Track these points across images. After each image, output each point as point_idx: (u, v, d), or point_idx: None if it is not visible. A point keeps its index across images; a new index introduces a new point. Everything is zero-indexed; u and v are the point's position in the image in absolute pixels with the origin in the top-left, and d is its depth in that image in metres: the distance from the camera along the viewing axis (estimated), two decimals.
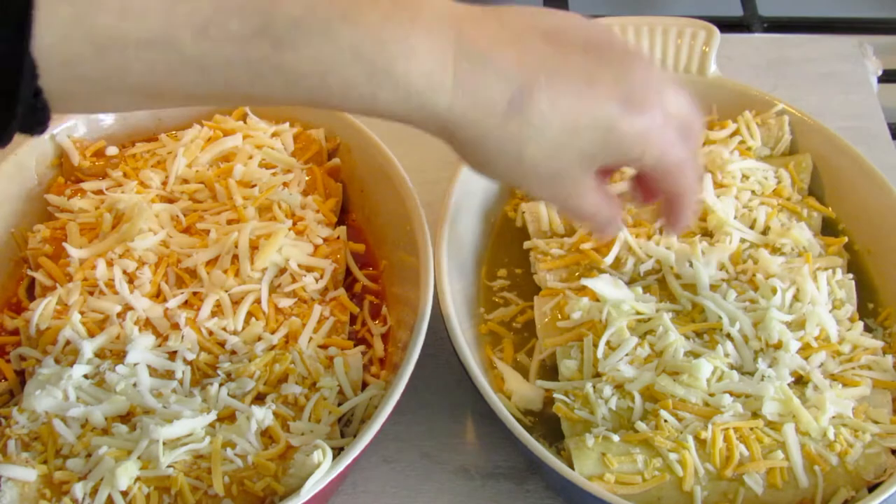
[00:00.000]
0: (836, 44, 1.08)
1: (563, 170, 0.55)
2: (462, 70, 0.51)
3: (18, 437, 0.63)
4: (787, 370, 0.68)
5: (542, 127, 0.53)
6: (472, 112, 0.52)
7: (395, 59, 0.50)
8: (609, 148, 0.55)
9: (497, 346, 0.75)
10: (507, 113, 0.52)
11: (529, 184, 0.57)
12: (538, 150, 0.54)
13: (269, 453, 0.62)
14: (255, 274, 0.72)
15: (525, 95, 0.52)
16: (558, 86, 0.53)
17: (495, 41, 0.52)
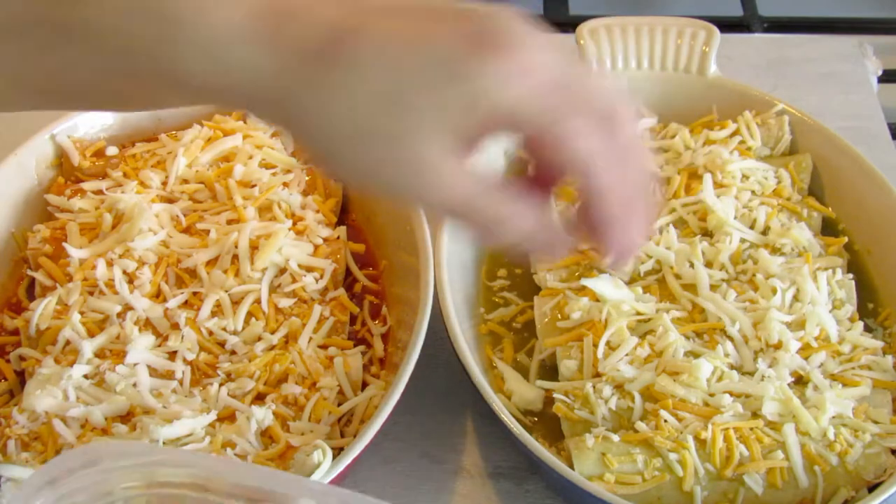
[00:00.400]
0: (836, 44, 1.08)
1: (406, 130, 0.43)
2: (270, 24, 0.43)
3: (18, 437, 0.63)
4: (787, 370, 0.68)
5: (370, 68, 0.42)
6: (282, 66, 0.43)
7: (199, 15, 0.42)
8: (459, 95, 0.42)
9: (497, 346, 0.75)
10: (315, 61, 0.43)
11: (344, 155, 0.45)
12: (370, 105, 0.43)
13: (269, 453, 0.62)
14: (255, 274, 0.72)
15: (339, 37, 0.42)
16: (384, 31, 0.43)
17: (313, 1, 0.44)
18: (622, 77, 0.88)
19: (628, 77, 0.88)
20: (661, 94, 0.88)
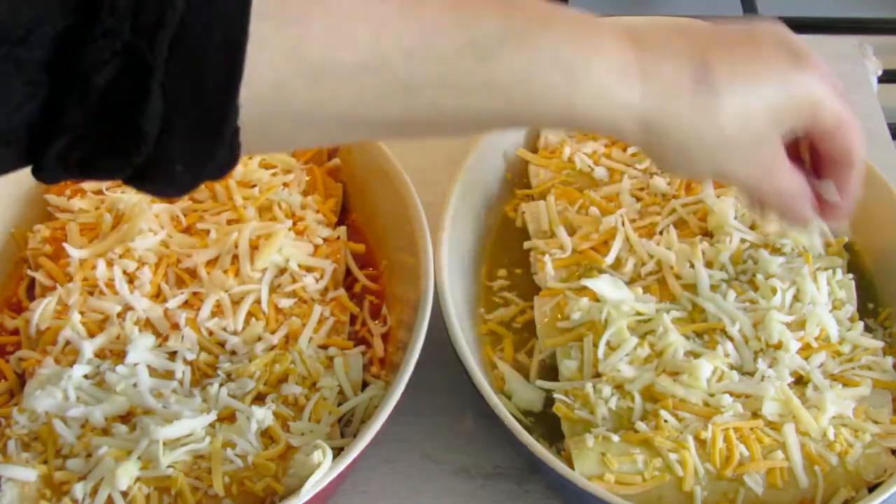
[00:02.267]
0: (836, 44, 1.08)
1: (760, 135, 0.56)
2: (645, 61, 0.53)
3: (18, 437, 0.63)
4: (787, 370, 0.68)
5: (730, 93, 0.55)
6: (663, 97, 0.54)
7: (589, 59, 0.52)
8: (791, 104, 0.57)
9: (497, 346, 0.75)
10: (695, 89, 0.54)
11: (732, 165, 0.57)
12: (732, 118, 0.55)
13: (269, 453, 0.62)
14: (255, 274, 0.72)
15: (706, 69, 0.54)
16: (731, 55, 0.56)
17: (663, 35, 0.56)
18: None
19: None
20: None
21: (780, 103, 0.56)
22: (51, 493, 0.61)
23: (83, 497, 0.60)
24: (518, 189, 0.85)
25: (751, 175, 0.59)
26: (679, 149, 0.56)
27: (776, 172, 0.59)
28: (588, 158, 0.83)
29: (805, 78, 0.57)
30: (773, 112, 0.56)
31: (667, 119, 0.55)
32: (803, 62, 0.58)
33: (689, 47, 0.55)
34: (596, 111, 0.53)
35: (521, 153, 0.85)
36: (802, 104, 0.57)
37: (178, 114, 0.42)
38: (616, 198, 0.80)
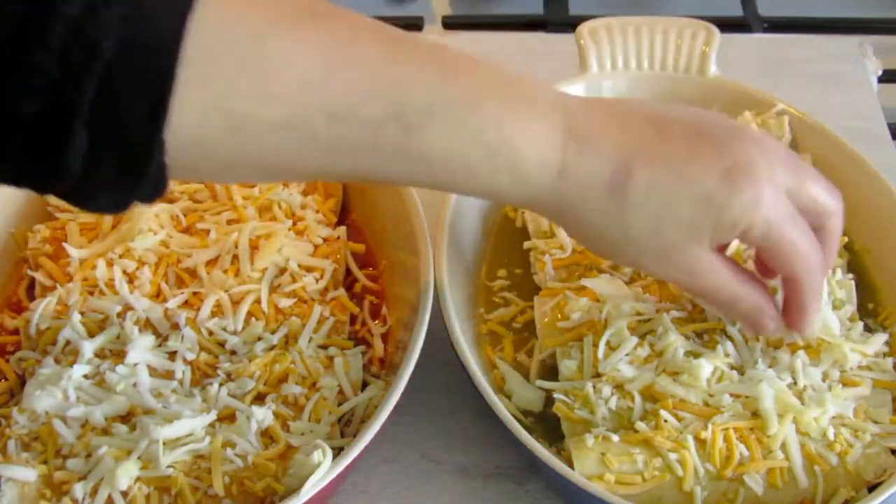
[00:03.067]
0: (836, 44, 1.08)
1: (669, 245, 0.56)
2: (568, 153, 0.53)
3: (18, 437, 0.63)
4: (787, 370, 0.68)
5: (642, 204, 0.54)
6: (575, 192, 0.54)
7: (513, 145, 0.52)
8: (712, 221, 0.55)
9: (497, 346, 0.75)
10: (608, 193, 0.54)
11: (645, 261, 0.58)
12: (640, 228, 0.55)
13: (269, 453, 0.62)
14: (255, 274, 0.72)
15: (624, 175, 0.54)
16: (657, 163, 0.54)
17: (599, 125, 0.55)
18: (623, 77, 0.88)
19: (628, 77, 0.88)
20: (661, 95, 0.88)
21: (696, 220, 0.55)
22: (51, 493, 0.61)
23: (83, 497, 0.60)
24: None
25: (670, 275, 0.59)
26: (591, 240, 0.58)
27: (700, 278, 0.58)
28: None
29: (731, 198, 0.54)
30: (688, 226, 0.55)
31: (578, 214, 0.56)
32: (736, 179, 0.54)
33: (618, 144, 0.54)
34: (514, 193, 0.54)
35: None
36: (723, 224, 0.55)
37: (102, 152, 0.42)
38: None
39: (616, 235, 0.56)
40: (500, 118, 0.51)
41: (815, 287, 0.60)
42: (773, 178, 0.56)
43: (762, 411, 0.65)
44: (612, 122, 0.55)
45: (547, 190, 0.54)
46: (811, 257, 0.58)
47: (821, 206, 0.59)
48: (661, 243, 0.56)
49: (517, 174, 0.53)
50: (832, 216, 0.60)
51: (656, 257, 0.57)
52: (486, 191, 0.54)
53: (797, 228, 0.57)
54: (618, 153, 0.54)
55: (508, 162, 0.52)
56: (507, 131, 0.52)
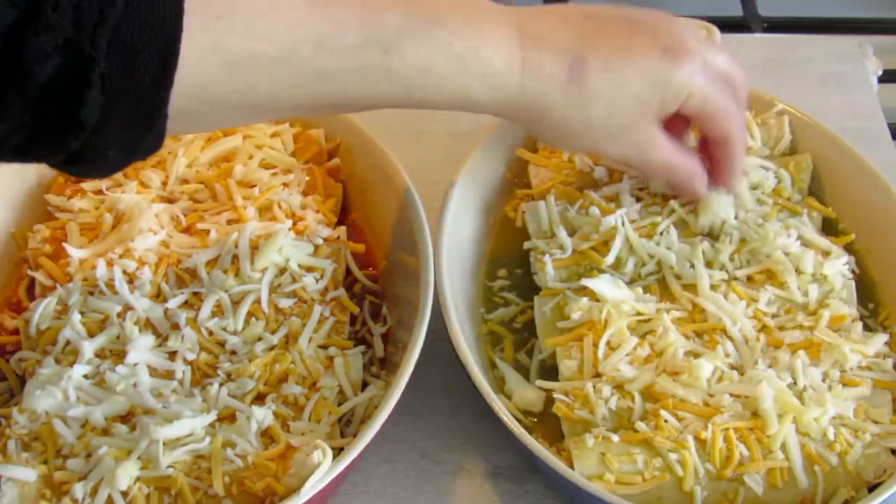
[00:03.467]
0: (836, 44, 1.08)
1: (627, 121, 0.63)
2: (526, 52, 0.60)
3: (18, 437, 0.63)
4: (787, 370, 0.68)
5: (599, 87, 0.61)
6: (539, 88, 0.61)
7: (479, 52, 0.58)
8: (659, 93, 0.63)
9: (497, 346, 0.75)
10: (567, 82, 0.61)
11: (602, 144, 0.65)
12: (600, 109, 0.62)
13: (269, 453, 0.62)
14: (255, 274, 0.72)
15: (580, 64, 0.61)
16: (605, 50, 0.62)
17: (547, 24, 0.62)
18: None
19: None
20: None
21: (647, 92, 0.63)
22: (51, 493, 0.61)
23: (83, 497, 0.60)
24: (518, 189, 0.85)
25: (621, 152, 0.66)
26: (555, 129, 0.64)
27: (649, 150, 0.66)
28: (588, 158, 0.83)
29: (673, 71, 0.63)
30: (639, 101, 0.63)
31: (542, 106, 0.62)
32: (675, 55, 0.63)
33: (569, 40, 0.61)
34: (488, 97, 0.60)
35: (521, 153, 0.85)
36: (668, 95, 0.63)
37: (116, 104, 0.45)
38: (616, 198, 0.80)
39: (578, 120, 0.62)
40: (464, 29, 0.57)
41: (741, 141, 0.70)
42: (700, 52, 0.64)
43: (762, 411, 0.65)
44: (557, 22, 0.62)
45: (514, 89, 0.60)
46: (739, 117, 0.68)
47: (733, 75, 0.68)
48: (617, 121, 0.63)
49: (488, 78, 0.59)
50: (737, 78, 0.69)
51: (612, 136, 0.64)
52: (461, 100, 0.59)
53: (725, 93, 0.66)
54: (570, 46, 0.61)
55: (478, 67, 0.58)
56: (472, 40, 0.58)
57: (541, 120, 0.63)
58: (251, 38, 0.49)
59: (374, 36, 0.54)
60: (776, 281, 0.74)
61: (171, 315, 0.70)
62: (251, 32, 0.49)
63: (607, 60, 0.62)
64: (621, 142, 0.65)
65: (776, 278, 0.74)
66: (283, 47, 0.51)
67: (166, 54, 0.45)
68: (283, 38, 0.51)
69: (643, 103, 0.63)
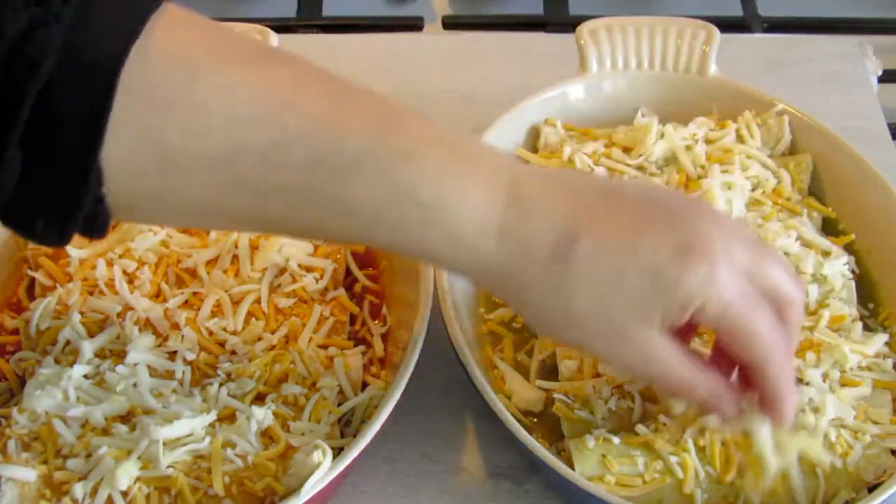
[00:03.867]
0: (836, 44, 1.08)
1: (615, 322, 0.52)
2: (509, 217, 0.50)
3: (18, 437, 0.63)
4: None
5: (586, 274, 0.50)
6: (515, 260, 0.51)
7: (448, 203, 0.49)
8: (663, 297, 0.51)
9: (497, 346, 0.75)
10: (550, 260, 0.50)
11: (594, 344, 0.54)
12: (584, 300, 0.51)
13: (269, 453, 0.62)
14: (255, 274, 0.72)
15: (568, 242, 0.50)
16: (604, 232, 0.51)
17: (547, 192, 0.52)
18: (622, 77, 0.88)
19: (628, 77, 0.88)
20: (661, 95, 0.88)
21: (643, 295, 0.51)
22: (51, 493, 0.61)
23: (83, 497, 0.60)
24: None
25: (618, 358, 0.54)
26: (532, 314, 0.54)
27: (651, 364, 0.53)
28: (588, 158, 0.83)
29: (685, 271, 0.50)
30: (636, 301, 0.51)
31: (519, 283, 0.52)
32: (689, 253, 0.50)
33: (567, 211, 0.51)
34: (447, 255, 0.51)
35: (521, 153, 0.85)
36: (673, 302, 0.51)
37: (36, 171, 0.42)
38: None
39: (559, 308, 0.52)
40: (437, 174, 0.49)
41: (780, 374, 0.55)
42: (730, 256, 0.51)
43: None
44: (562, 191, 0.52)
45: (484, 255, 0.51)
46: (773, 342, 0.53)
47: (781, 293, 0.54)
48: (608, 320, 0.51)
49: (451, 235, 0.50)
50: (792, 305, 0.55)
51: (603, 337, 0.52)
52: (419, 251, 0.52)
53: (757, 310, 0.53)
54: (563, 220, 0.51)
55: (442, 221, 0.49)
56: (444, 189, 0.49)
57: (516, 298, 0.53)
58: (186, 135, 0.45)
59: (327, 158, 0.47)
60: None
61: (171, 315, 0.70)
62: (187, 127, 0.45)
63: (603, 243, 0.50)
64: (617, 346, 0.53)
65: None
66: (220, 150, 0.45)
67: (93, 128, 0.42)
68: (222, 139, 0.45)
69: (641, 306, 0.51)
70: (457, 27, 1.14)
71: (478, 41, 1.10)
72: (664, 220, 0.51)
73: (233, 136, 0.46)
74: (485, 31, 1.13)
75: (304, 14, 1.14)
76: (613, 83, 0.88)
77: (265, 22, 0.89)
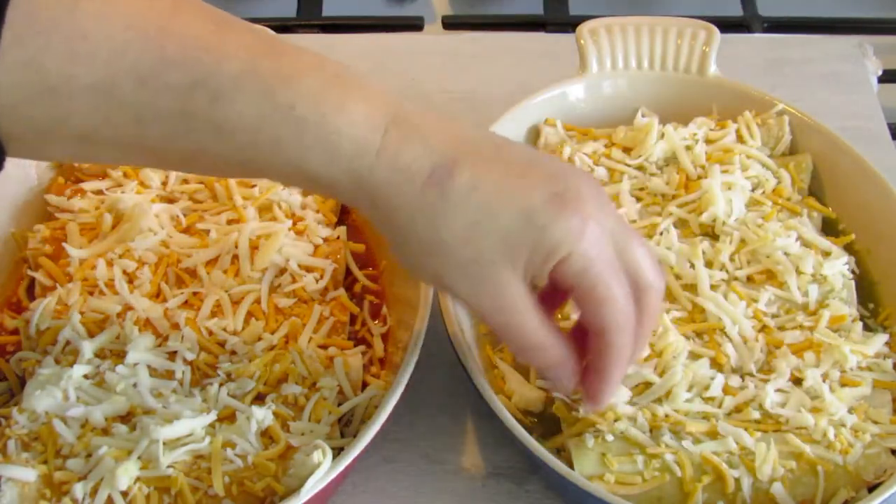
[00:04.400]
0: (836, 44, 1.08)
1: (482, 258, 0.52)
2: (390, 138, 0.51)
3: (18, 437, 0.63)
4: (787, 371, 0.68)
5: (458, 203, 0.51)
6: (391, 181, 0.51)
7: (328, 119, 0.49)
8: (530, 239, 0.51)
9: (497, 346, 0.75)
10: (425, 183, 0.51)
11: (452, 277, 0.53)
12: (453, 230, 0.51)
13: (269, 453, 0.62)
14: (255, 274, 0.72)
15: (447, 169, 0.51)
16: (484, 168, 0.51)
17: (433, 123, 0.52)
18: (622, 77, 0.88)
19: (628, 77, 0.88)
20: (661, 94, 0.88)
21: (515, 234, 0.51)
22: (51, 493, 0.61)
23: (83, 497, 0.60)
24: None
25: (473, 297, 0.54)
26: (400, 239, 0.54)
27: (505, 308, 0.53)
28: (588, 158, 0.83)
29: (557, 218, 0.51)
30: (505, 239, 0.51)
31: (392, 204, 0.52)
32: (563, 203, 0.51)
33: (449, 141, 0.52)
34: (325, 175, 0.51)
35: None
36: (541, 247, 0.51)
37: None
38: (616, 198, 0.80)
39: (426, 236, 0.52)
40: (318, 93, 0.49)
41: (621, 349, 0.55)
42: (601, 219, 0.52)
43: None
44: (449, 126, 0.53)
45: (361, 174, 0.51)
46: (625, 312, 0.54)
47: (642, 276, 0.55)
48: (472, 254, 0.52)
49: (330, 153, 0.50)
50: (651, 291, 0.55)
51: (464, 271, 0.52)
52: (296, 171, 0.51)
53: (615, 277, 0.53)
54: (446, 150, 0.51)
55: (322, 138, 0.49)
56: (324, 106, 0.49)
57: (387, 221, 0.53)
58: (68, 61, 0.46)
59: (205, 79, 0.48)
60: (776, 281, 0.74)
61: (171, 315, 0.70)
62: (69, 54, 0.46)
63: (482, 177, 0.51)
64: (474, 284, 0.53)
65: (776, 278, 0.74)
66: (100, 76, 0.47)
67: None
68: (102, 65, 0.46)
69: (509, 244, 0.51)
70: (457, 27, 1.14)
71: (478, 41, 1.10)
72: (546, 173, 0.52)
73: (112, 61, 0.46)
74: (485, 31, 1.13)
75: (304, 14, 1.14)
76: (613, 83, 0.88)
77: (265, 22, 0.89)
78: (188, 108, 0.48)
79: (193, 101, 0.48)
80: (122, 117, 0.48)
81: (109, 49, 0.46)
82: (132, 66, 0.47)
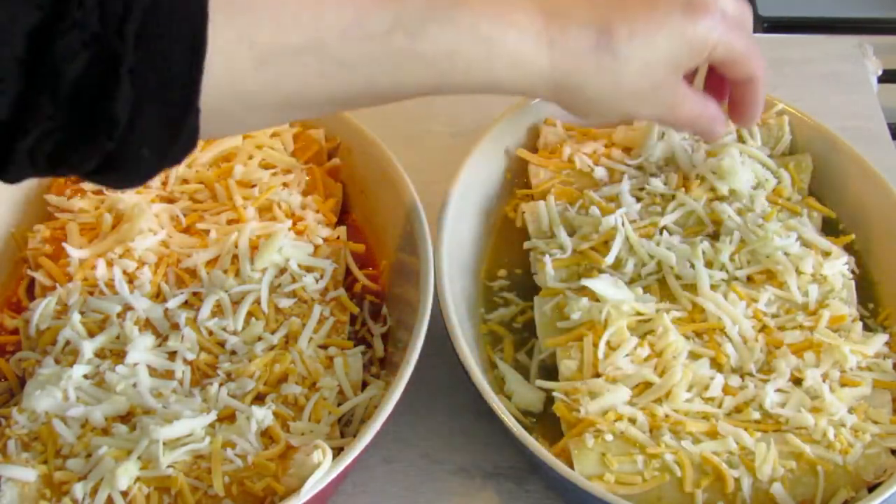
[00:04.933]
0: (836, 44, 1.08)
1: (657, 82, 0.64)
2: (553, 31, 0.59)
3: (18, 437, 0.63)
4: (787, 371, 0.68)
5: (628, 54, 0.61)
6: (569, 63, 0.60)
7: (505, 33, 0.58)
8: (686, 50, 0.63)
9: (497, 346, 0.75)
10: (597, 53, 0.61)
11: (635, 108, 0.66)
12: (631, 74, 0.62)
13: (269, 453, 0.62)
14: (255, 274, 0.72)
15: (607, 34, 0.61)
16: (629, 15, 0.62)
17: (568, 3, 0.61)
18: None
19: None
20: None
21: (676, 51, 0.63)
22: (51, 493, 0.61)
23: (83, 497, 0.60)
24: (518, 189, 0.85)
25: (655, 114, 0.67)
26: (588, 102, 0.64)
27: (678, 106, 0.67)
28: (588, 158, 0.83)
29: (698, 24, 0.63)
30: (671, 60, 0.63)
31: (575, 80, 0.61)
32: (695, 11, 0.63)
33: (591, 13, 0.62)
34: (514, 78, 0.60)
35: (521, 153, 0.85)
36: (697, 48, 0.64)
37: (147, 99, 0.45)
38: (616, 198, 0.80)
39: (611, 90, 0.62)
40: (487, 12, 0.57)
41: (762, 86, 0.71)
42: (724, 6, 0.65)
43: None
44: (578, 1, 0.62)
45: (543, 68, 0.60)
46: (760, 56, 0.69)
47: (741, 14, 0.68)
48: (649, 84, 0.63)
49: (515, 59, 0.58)
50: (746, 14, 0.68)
51: (644, 99, 0.64)
52: (491, 83, 0.59)
53: (743, 36, 0.67)
54: (593, 19, 0.61)
55: (505, 49, 0.58)
56: (497, 22, 0.57)
57: (574, 95, 0.63)
58: (276, 30, 0.50)
59: (398, 21, 0.54)
60: (776, 281, 0.74)
61: (171, 315, 0.70)
62: (276, 24, 0.50)
63: (633, 27, 0.62)
64: (652, 103, 0.66)
65: (776, 278, 0.74)
66: (308, 37, 0.51)
67: (193, 46, 0.45)
68: (308, 28, 0.51)
69: (672, 61, 0.63)
70: None
71: None
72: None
73: (316, 23, 0.51)
74: None
75: None
76: None
77: None
78: (389, 49, 0.54)
79: (393, 41, 0.54)
80: (329, 71, 0.53)
81: (311, 12, 0.51)
82: (333, 23, 0.52)
